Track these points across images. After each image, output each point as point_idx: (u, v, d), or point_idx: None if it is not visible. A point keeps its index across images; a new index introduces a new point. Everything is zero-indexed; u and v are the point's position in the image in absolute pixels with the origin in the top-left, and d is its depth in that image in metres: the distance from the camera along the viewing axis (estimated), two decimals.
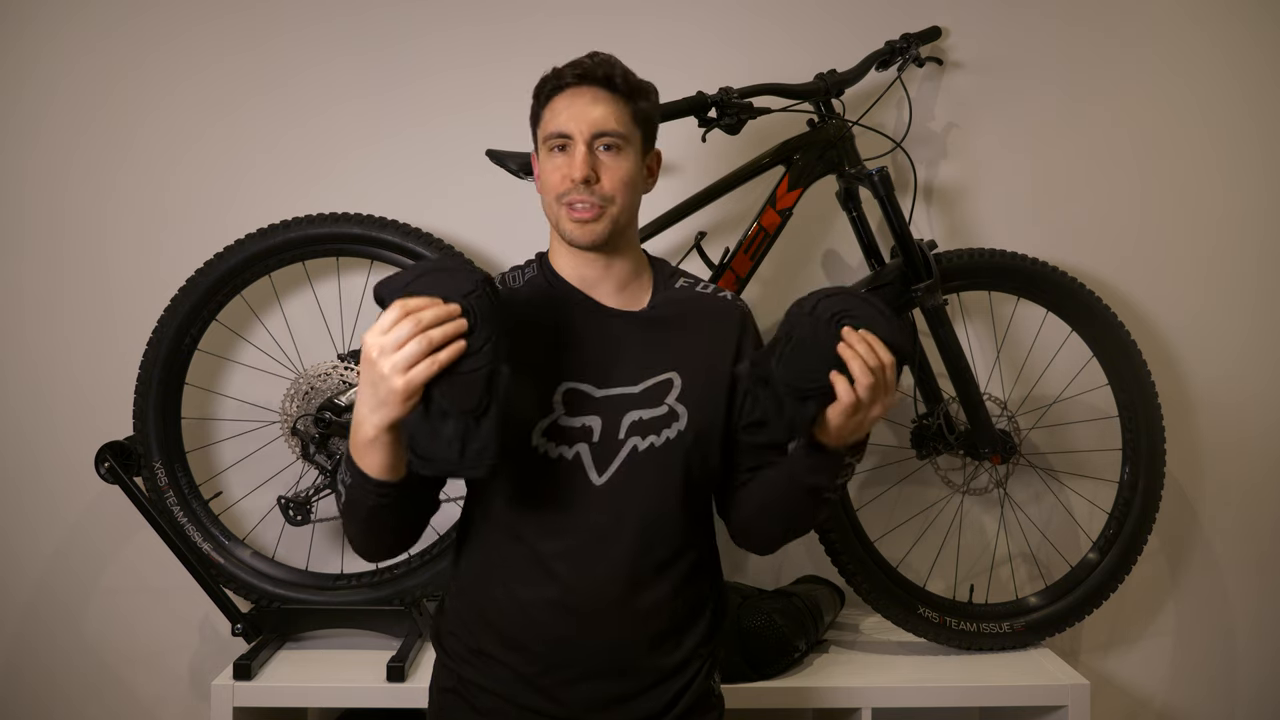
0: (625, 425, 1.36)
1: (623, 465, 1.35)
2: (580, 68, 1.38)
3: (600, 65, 1.38)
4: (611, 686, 1.37)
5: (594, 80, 1.37)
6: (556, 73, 1.39)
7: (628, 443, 1.36)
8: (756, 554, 1.50)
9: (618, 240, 1.40)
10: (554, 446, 1.35)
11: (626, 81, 1.39)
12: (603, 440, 1.35)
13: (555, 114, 1.38)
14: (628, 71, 1.40)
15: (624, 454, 1.36)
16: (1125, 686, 2.37)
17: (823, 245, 2.28)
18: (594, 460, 1.36)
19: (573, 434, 1.36)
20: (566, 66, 1.39)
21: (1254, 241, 2.35)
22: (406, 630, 1.98)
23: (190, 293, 2.03)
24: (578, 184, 1.35)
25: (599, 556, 1.35)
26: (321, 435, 1.98)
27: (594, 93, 1.37)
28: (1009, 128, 2.29)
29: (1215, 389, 2.35)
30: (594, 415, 1.36)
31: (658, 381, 1.38)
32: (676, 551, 1.39)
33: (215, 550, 2.04)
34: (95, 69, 2.20)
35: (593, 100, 1.36)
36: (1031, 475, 2.27)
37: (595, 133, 1.35)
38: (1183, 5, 2.32)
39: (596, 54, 1.40)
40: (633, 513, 1.35)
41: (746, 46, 2.24)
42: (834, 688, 1.88)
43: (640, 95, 1.40)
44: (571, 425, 1.36)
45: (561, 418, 1.36)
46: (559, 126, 1.37)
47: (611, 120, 1.36)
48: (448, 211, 2.21)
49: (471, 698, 1.40)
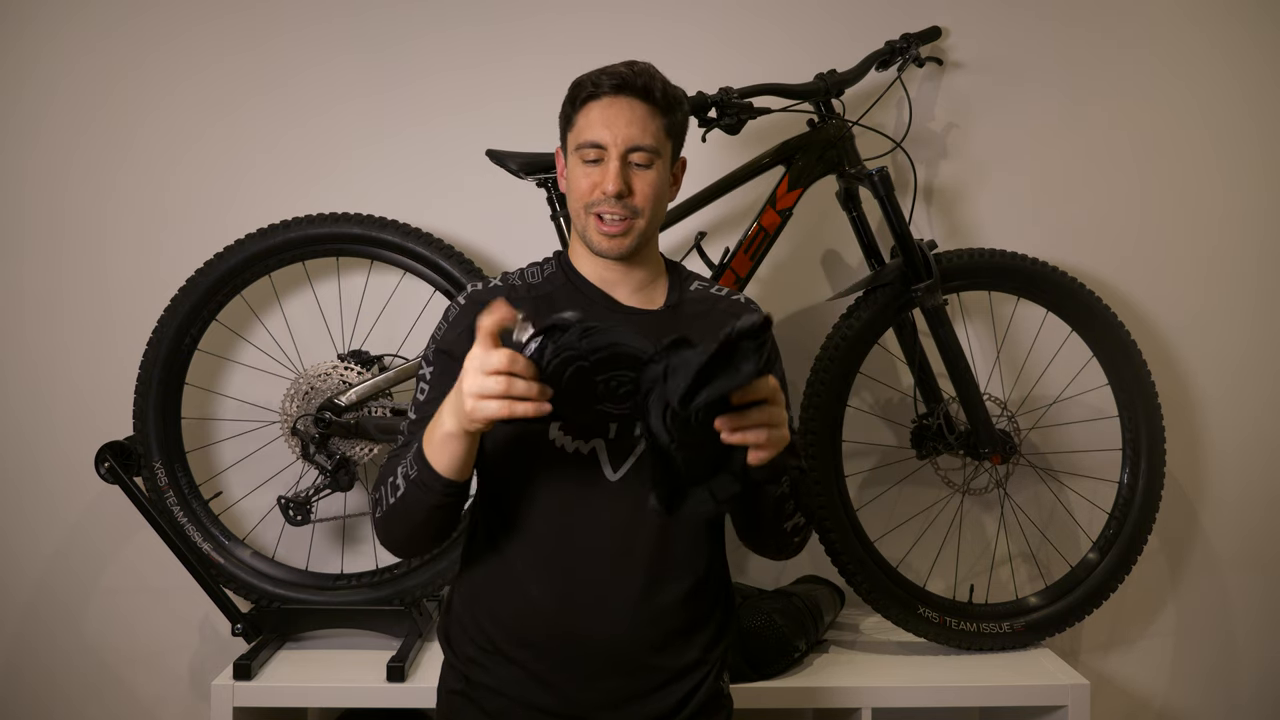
0: None
1: (638, 461, 1.36)
2: (619, 77, 1.36)
3: (640, 75, 1.36)
4: (621, 685, 1.37)
5: (632, 91, 1.36)
6: (594, 79, 1.37)
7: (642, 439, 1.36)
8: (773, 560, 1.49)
9: (641, 248, 1.41)
10: (571, 441, 1.35)
11: (665, 94, 1.38)
12: (619, 436, 1.36)
13: (590, 122, 1.37)
14: (666, 83, 1.39)
15: (639, 450, 1.36)
16: (1125, 686, 2.37)
17: (823, 245, 2.28)
18: (609, 455, 1.36)
19: (589, 429, 1.36)
20: (604, 73, 1.37)
21: (1254, 241, 2.35)
22: (406, 630, 1.98)
23: (190, 293, 2.03)
24: (609, 196, 1.35)
25: (611, 552, 1.35)
26: (321, 435, 1.98)
27: (631, 105, 1.36)
28: (1009, 128, 2.29)
29: (1215, 389, 2.35)
30: None
31: None
32: (688, 551, 1.39)
33: (215, 550, 2.04)
34: (95, 69, 2.20)
35: (630, 112, 1.36)
36: (1031, 475, 2.27)
37: (630, 147, 1.35)
38: (1182, 6, 2.32)
39: (635, 63, 1.38)
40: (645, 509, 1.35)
41: (746, 46, 2.24)
42: (834, 688, 1.88)
43: (676, 107, 1.40)
44: None
45: None
46: (594, 136, 1.36)
47: (648, 135, 1.36)
48: (448, 211, 2.21)
49: (480, 699, 1.40)
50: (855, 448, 2.21)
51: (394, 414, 1.99)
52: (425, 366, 1.40)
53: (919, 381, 2.09)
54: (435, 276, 2.06)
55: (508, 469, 1.38)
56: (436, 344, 1.41)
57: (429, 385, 1.38)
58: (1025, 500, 2.30)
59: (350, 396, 1.98)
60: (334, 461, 2.00)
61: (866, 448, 2.25)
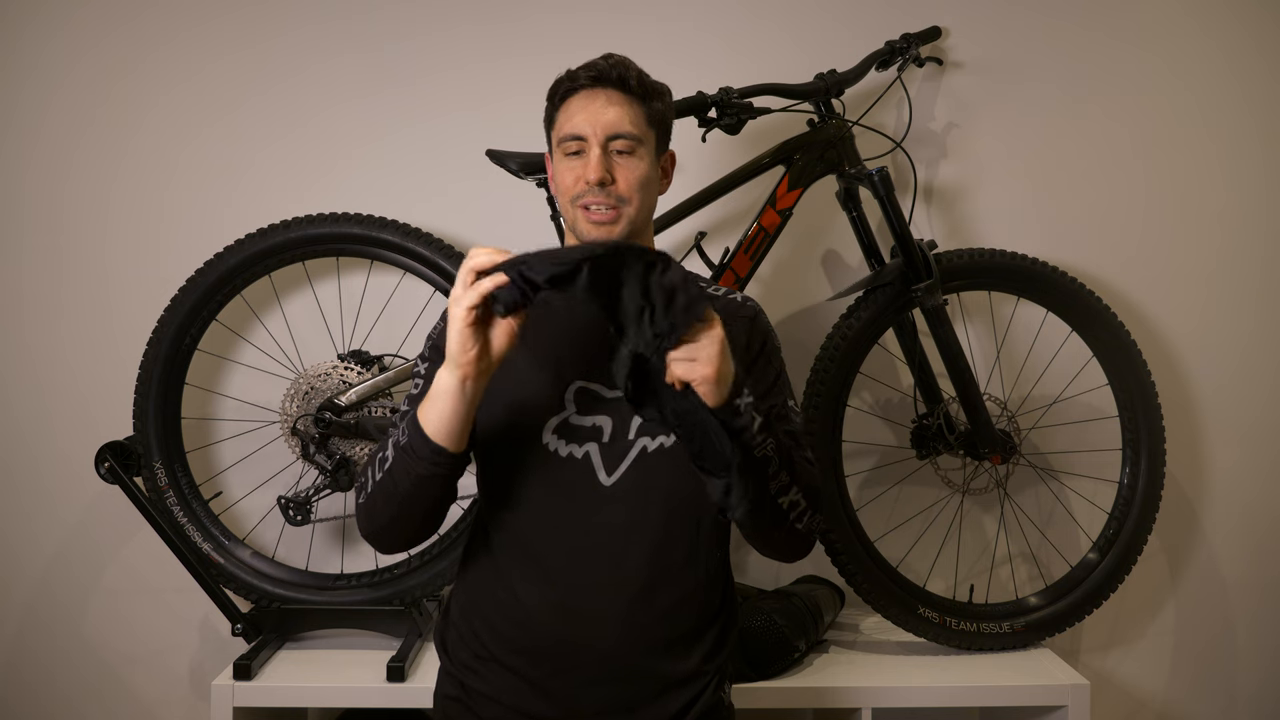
0: (635, 426, 1.36)
1: (632, 466, 1.35)
2: (594, 69, 1.38)
3: (615, 67, 1.38)
4: (617, 693, 1.36)
5: (608, 82, 1.38)
6: (570, 75, 1.40)
7: (637, 443, 1.36)
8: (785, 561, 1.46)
9: (633, 239, 1.39)
10: (564, 445, 1.35)
11: (641, 83, 1.39)
12: (612, 440, 1.36)
13: (570, 116, 1.38)
14: (642, 73, 1.41)
15: (633, 454, 1.36)
16: (1125, 686, 2.37)
17: (823, 245, 2.28)
18: (603, 460, 1.35)
19: (583, 433, 1.36)
20: (580, 68, 1.39)
21: (1255, 241, 2.35)
22: (406, 630, 1.98)
23: (190, 293, 2.03)
24: (592, 186, 1.35)
25: (605, 558, 1.35)
26: (321, 435, 1.99)
27: (608, 94, 1.38)
28: (1009, 128, 2.29)
29: (1216, 389, 2.35)
30: (604, 415, 1.36)
31: None
32: (686, 558, 1.38)
33: (215, 550, 2.04)
34: (95, 68, 2.20)
35: (607, 102, 1.37)
36: (1031, 475, 2.27)
37: (610, 135, 1.36)
38: (1182, 5, 2.31)
39: (611, 55, 1.40)
40: (640, 514, 1.35)
41: (746, 46, 2.24)
42: (834, 688, 1.88)
43: (655, 96, 1.41)
44: (582, 424, 1.36)
45: (573, 416, 1.36)
46: (573, 129, 1.37)
47: (626, 122, 1.37)
48: (448, 211, 2.21)
49: (476, 706, 1.40)
50: (855, 448, 2.21)
51: (394, 414, 1.98)
52: (421, 363, 1.41)
53: (919, 381, 2.09)
54: (435, 276, 2.06)
55: (502, 473, 1.38)
56: (433, 341, 1.42)
57: (423, 379, 1.38)
58: (1025, 500, 2.30)
59: (350, 396, 1.98)
60: (334, 461, 2.00)
61: (866, 448, 2.25)
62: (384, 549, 1.42)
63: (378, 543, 1.38)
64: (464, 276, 1.20)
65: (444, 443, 1.25)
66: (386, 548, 1.41)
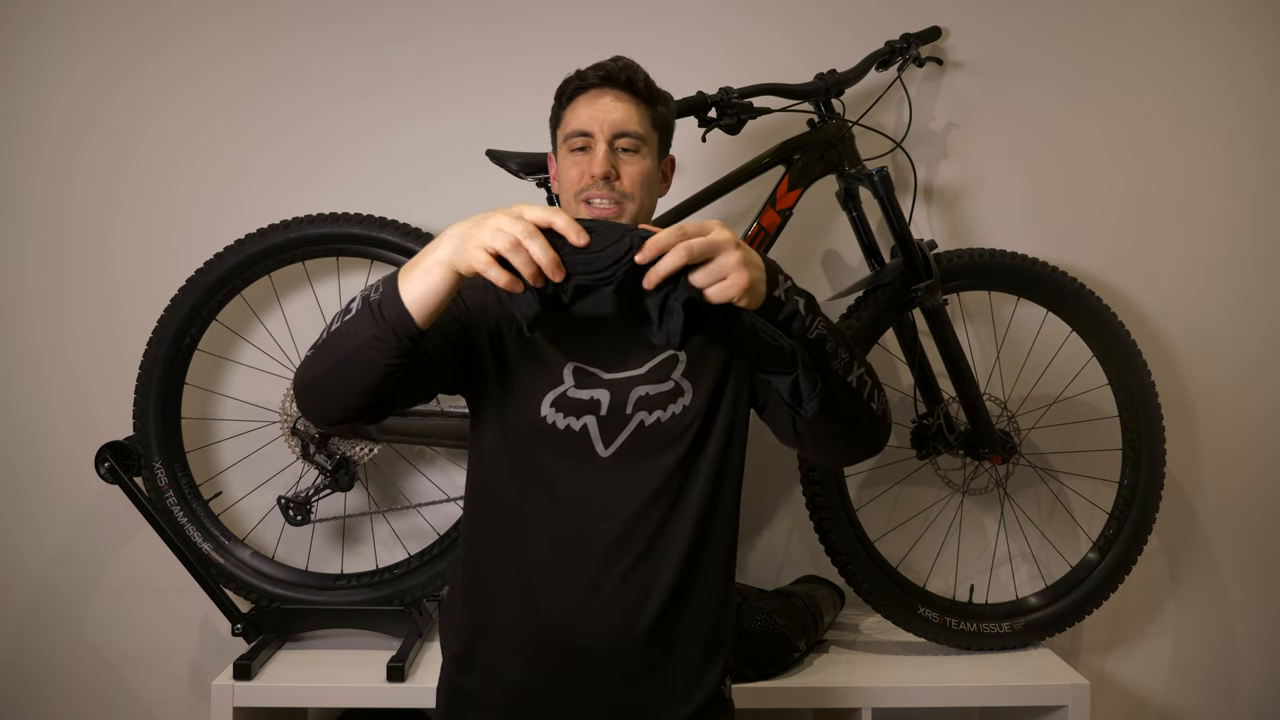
0: (632, 400, 1.37)
1: (629, 438, 1.36)
2: (603, 70, 1.42)
3: (623, 69, 1.43)
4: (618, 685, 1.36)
5: (616, 83, 1.42)
6: (579, 75, 1.44)
7: (635, 417, 1.36)
8: (868, 455, 1.51)
9: None
10: (562, 418, 1.36)
11: (648, 86, 1.44)
12: (610, 414, 1.36)
13: (577, 114, 1.42)
14: (648, 77, 1.45)
15: (631, 428, 1.36)
16: (1125, 686, 2.37)
17: (823, 245, 2.28)
18: (600, 433, 1.36)
19: (581, 406, 1.36)
20: (589, 69, 1.44)
21: (1254, 242, 2.35)
22: (406, 630, 1.98)
23: (190, 293, 2.03)
24: (597, 180, 1.39)
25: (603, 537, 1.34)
26: (321, 435, 1.99)
27: (616, 94, 1.42)
28: (1009, 128, 2.29)
29: (1215, 389, 2.35)
30: (602, 389, 1.37)
31: (663, 359, 1.39)
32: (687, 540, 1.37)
33: (215, 550, 2.04)
34: (95, 68, 2.20)
35: (614, 101, 1.42)
36: (1031, 475, 2.27)
37: (616, 132, 1.40)
38: (1182, 6, 2.32)
39: (619, 58, 1.44)
40: (637, 490, 1.35)
41: (746, 46, 2.24)
42: (834, 688, 1.88)
43: (660, 101, 1.46)
44: (580, 397, 1.37)
45: (570, 390, 1.37)
46: (581, 125, 1.41)
47: (633, 122, 1.41)
48: (448, 211, 2.18)
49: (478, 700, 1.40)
50: None
51: None
52: None
53: (919, 381, 2.09)
54: None
55: (499, 447, 1.38)
56: None
57: None
58: (1025, 500, 2.30)
59: None
60: (334, 461, 2.00)
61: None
62: (306, 406, 1.28)
63: (303, 396, 1.28)
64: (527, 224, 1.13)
65: (416, 312, 1.18)
66: (307, 405, 1.29)
